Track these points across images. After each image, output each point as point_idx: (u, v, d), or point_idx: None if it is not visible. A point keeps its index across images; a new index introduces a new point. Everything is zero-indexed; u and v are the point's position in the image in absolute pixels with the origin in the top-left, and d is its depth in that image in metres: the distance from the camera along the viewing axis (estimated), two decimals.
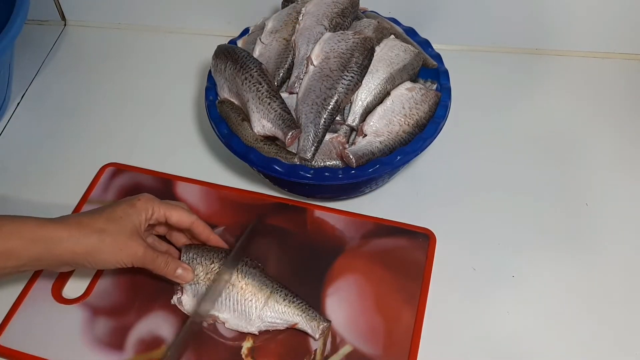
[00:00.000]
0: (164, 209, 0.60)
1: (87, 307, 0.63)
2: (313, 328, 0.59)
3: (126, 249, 0.56)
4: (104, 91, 0.88)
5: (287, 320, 0.59)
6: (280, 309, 0.59)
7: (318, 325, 0.59)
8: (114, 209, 0.58)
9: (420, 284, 0.63)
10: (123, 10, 0.95)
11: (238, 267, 0.62)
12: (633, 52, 0.87)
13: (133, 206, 0.59)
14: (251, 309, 0.59)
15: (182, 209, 0.62)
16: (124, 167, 0.75)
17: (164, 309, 0.62)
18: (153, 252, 0.58)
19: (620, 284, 0.64)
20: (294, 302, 0.60)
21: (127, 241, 0.57)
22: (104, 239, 0.56)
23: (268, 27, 0.73)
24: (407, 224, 0.67)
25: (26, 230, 0.54)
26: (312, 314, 0.59)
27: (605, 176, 0.73)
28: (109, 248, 0.56)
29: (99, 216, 0.57)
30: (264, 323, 0.59)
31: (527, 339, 0.60)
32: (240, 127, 0.67)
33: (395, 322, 0.60)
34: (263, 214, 0.68)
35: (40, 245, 0.54)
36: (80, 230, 0.55)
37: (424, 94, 0.68)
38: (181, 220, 0.61)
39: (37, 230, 0.54)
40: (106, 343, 0.60)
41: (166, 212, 0.61)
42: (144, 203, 0.59)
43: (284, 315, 0.59)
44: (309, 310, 0.60)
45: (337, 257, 0.65)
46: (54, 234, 0.54)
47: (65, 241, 0.55)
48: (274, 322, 0.59)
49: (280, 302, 0.60)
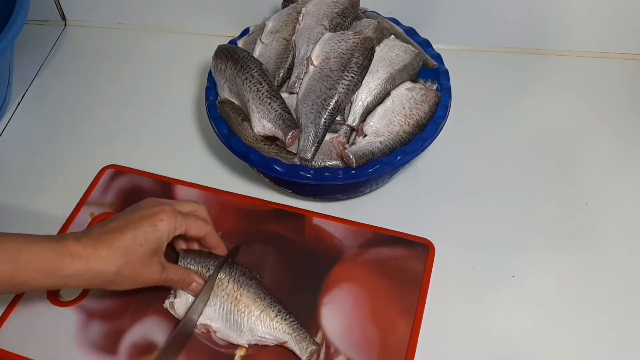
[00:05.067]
0: (186, 224, 0.59)
1: (82, 310, 0.63)
2: (301, 349, 0.57)
3: (142, 277, 0.56)
4: (104, 91, 0.88)
5: (277, 337, 0.58)
6: (272, 325, 0.58)
7: (307, 347, 0.57)
8: (136, 234, 0.55)
9: (418, 294, 0.62)
10: (123, 10, 0.95)
11: (235, 276, 0.61)
12: (633, 52, 0.87)
13: (155, 229, 0.56)
14: (243, 321, 0.59)
15: (199, 221, 0.60)
16: (124, 170, 0.75)
17: (158, 314, 0.62)
18: (165, 274, 0.57)
19: (620, 284, 0.64)
20: (286, 319, 0.59)
21: (143, 268, 0.56)
22: (121, 272, 0.54)
23: (268, 27, 0.73)
24: (406, 234, 0.66)
25: (43, 262, 0.52)
26: (302, 334, 0.58)
27: (606, 176, 0.73)
28: (126, 280, 0.55)
29: (118, 245, 0.54)
30: (254, 337, 0.58)
31: (527, 339, 0.60)
32: (240, 127, 0.67)
33: (391, 333, 0.59)
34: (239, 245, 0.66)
35: (56, 278, 0.53)
36: (99, 263, 0.54)
37: (424, 94, 0.68)
38: (199, 233, 0.60)
39: (54, 262, 0.53)
40: (100, 347, 0.60)
41: (187, 226, 0.59)
42: (167, 223, 0.57)
43: (274, 332, 0.58)
44: (299, 330, 0.58)
45: (334, 265, 0.65)
46: (72, 268, 0.53)
47: (82, 275, 0.53)
48: (263, 337, 0.58)
49: (272, 318, 0.59)
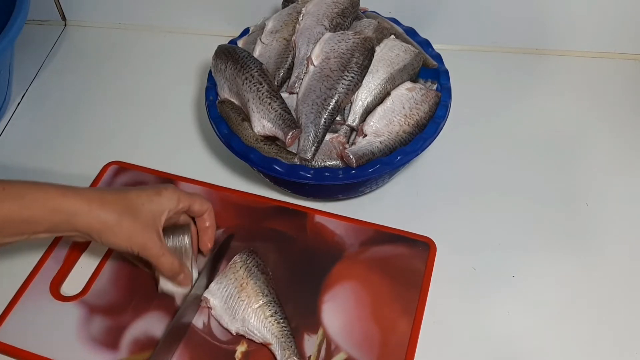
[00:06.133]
0: (189, 200, 0.62)
1: (84, 305, 0.63)
2: (282, 356, 0.57)
3: (139, 238, 0.57)
4: (104, 91, 0.88)
5: (265, 336, 0.58)
6: (264, 323, 0.58)
7: (288, 357, 0.57)
8: (139, 194, 0.58)
9: (419, 293, 0.62)
10: (123, 10, 0.95)
11: (249, 265, 0.62)
12: (633, 52, 0.87)
13: (159, 194, 0.59)
14: (240, 308, 0.59)
15: (201, 198, 0.64)
16: (127, 166, 0.75)
17: (159, 310, 0.62)
18: (160, 250, 0.58)
19: (620, 284, 0.64)
20: (279, 322, 0.59)
21: (142, 231, 0.57)
22: (121, 221, 0.56)
23: (268, 27, 0.73)
24: (407, 232, 0.67)
25: (49, 199, 0.54)
26: (289, 342, 0.58)
27: (606, 176, 0.73)
28: (123, 232, 0.56)
29: (122, 197, 0.57)
30: (244, 328, 0.59)
31: (527, 339, 0.61)
32: (240, 127, 0.67)
33: (392, 331, 0.60)
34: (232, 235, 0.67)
35: (60, 215, 0.54)
36: (102, 207, 0.55)
37: (424, 94, 0.68)
38: (201, 209, 0.63)
39: (59, 201, 0.54)
40: (101, 342, 0.60)
41: (190, 202, 0.62)
42: (171, 193, 0.60)
43: (264, 330, 0.58)
44: (287, 338, 0.58)
45: (335, 263, 0.65)
46: (75, 206, 0.55)
47: (84, 215, 0.55)
48: (252, 332, 0.58)
49: (267, 316, 0.59)
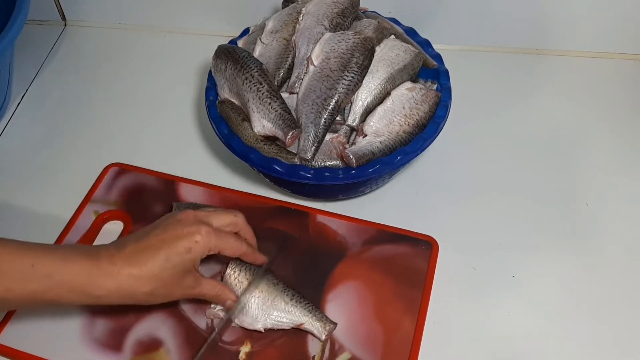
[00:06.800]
0: (221, 245, 0.57)
1: (87, 307, 0.63)
2: (319, 329, 0.59)
3: (176, 293, 0.56)
4: (104, 91, 0.88)
5: (292, 320, 0.59)
6: (287, 309, 0.59)
7: (324, 327, 0.59)
8: (169, 256, 0.53)
9: (422, 292, 0.62)
10: (123, 10, 0.95)
11: (242, 269, 0.62)
12: (632, 52, 0.87)
13: (189, 251, 0.54)
14: (258, 307, 0.59)
15: (234, 241, 0.58)
16: (128, 168, 0.75)
17: (162, 311, 0.62)
18: (202, 290, 0.57)
19: (620, 284, 0.64)
20: (300, 302, 0.60)
21: (178, 287, 0.55)
22: (154, 292, 0.54)
23: (268, 27, 0.73)
24: (410, 231, 0.67)
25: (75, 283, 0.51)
26: (318, 315, 0.60)
27: (606, 176, 0.73)
28: (159, 298, 0.55)
29: (151, 267, 0.53)
30: (270, 321, 0.59)
31: (527, 339, 0.60)
32: (240, 127, 0.67)
33: (395, 330, 0.60)
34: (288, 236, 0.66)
35: (86, 297, 0.52)
36: (132, 285, 0.52)
37: (424, 94, 0.68)
38: (233, 254, 0.59)
39: (88, 288, 0.51)
40: (104, 344, 0.60)
41: (221, 248, 0.57)
42: (201, 246, 0.55)
43: (290, 315, 0.59)
44: (315, 311, 0.60)
45: (338, 262, 0.65)
46: (104, 288, 0.52)
47: (113, 295, 0.52)
48: (280, 322, 0.59)
49: (286, 302, 0.60)
